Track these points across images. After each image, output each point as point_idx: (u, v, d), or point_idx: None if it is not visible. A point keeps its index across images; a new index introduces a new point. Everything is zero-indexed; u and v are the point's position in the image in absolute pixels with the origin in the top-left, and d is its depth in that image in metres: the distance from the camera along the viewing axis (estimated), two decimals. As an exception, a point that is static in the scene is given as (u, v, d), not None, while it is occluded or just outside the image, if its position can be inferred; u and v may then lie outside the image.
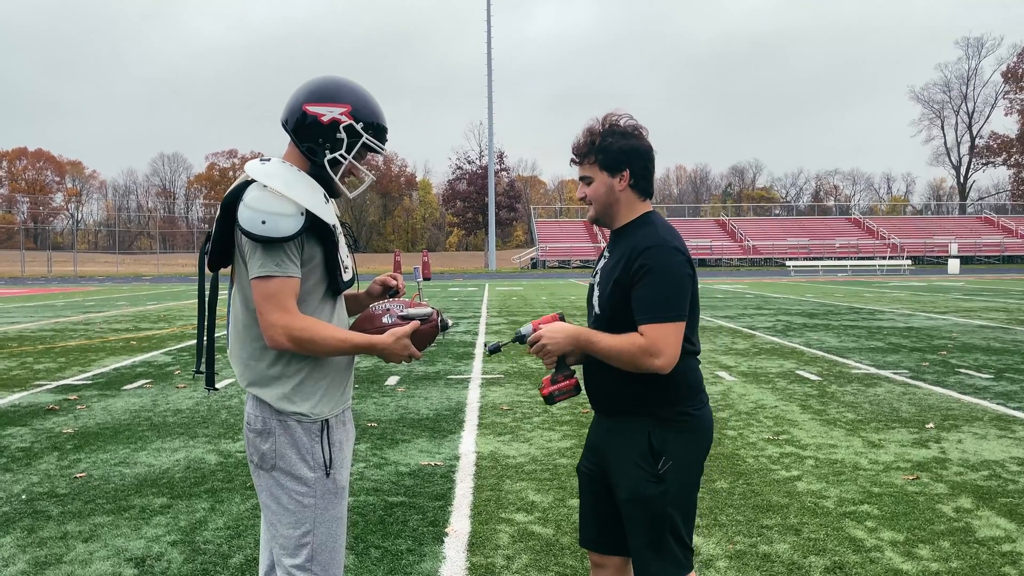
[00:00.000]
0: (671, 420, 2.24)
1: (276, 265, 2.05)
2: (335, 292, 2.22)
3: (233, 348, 2.22)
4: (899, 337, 12.02)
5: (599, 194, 2.31)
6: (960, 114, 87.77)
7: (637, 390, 2.23)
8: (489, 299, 23.17)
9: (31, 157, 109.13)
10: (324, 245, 2.15)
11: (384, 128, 2.25)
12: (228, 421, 6.48)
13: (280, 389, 2.14)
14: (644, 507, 2.21)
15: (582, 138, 2.32)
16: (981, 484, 4.62)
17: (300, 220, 2.05)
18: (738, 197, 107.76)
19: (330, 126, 2.16)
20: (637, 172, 2.29)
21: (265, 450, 2.15)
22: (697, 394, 2.29)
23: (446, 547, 3.75)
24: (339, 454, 2.22)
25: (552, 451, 5.43)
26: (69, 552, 3.71)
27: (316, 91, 2.18)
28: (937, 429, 5.98)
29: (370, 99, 2.22)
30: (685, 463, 2.25)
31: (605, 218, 2.35)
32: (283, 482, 2.15)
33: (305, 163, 2.20)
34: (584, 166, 2.32)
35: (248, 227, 2.03)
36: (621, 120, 2.29)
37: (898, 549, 3.67)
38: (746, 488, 4.57)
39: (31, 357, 10.62)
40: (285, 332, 2.04)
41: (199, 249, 2.27)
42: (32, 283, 42.83)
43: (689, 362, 2.28)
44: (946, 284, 30.18)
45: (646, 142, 2.30)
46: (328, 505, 2.18)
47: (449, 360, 9.92)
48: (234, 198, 2.09)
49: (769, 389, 7.73)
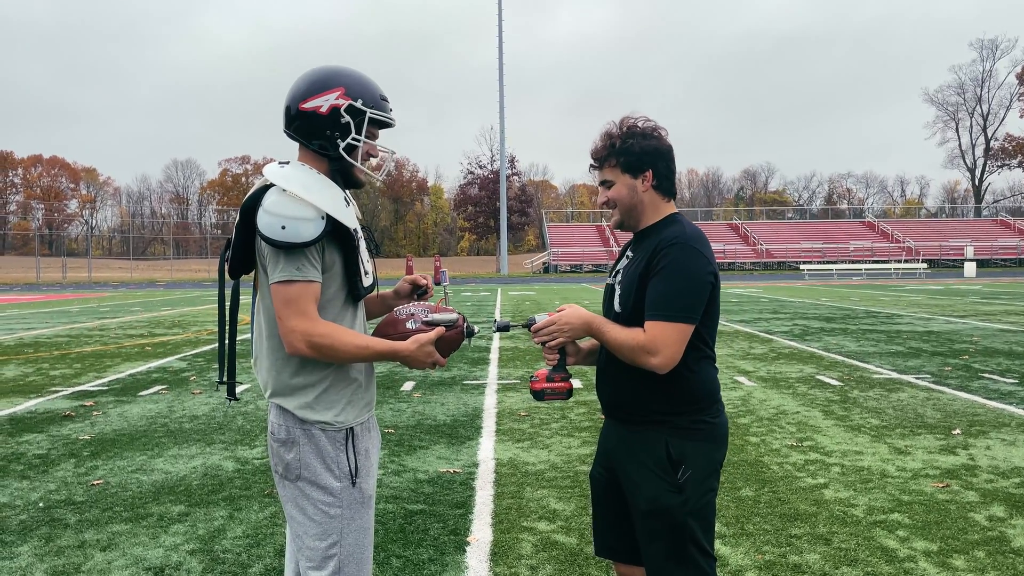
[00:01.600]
0: (689, 429, 2.18)
1: (297, 270, 2.00)
2: (356, 298, 2.16)
3: (258, 357, 2.16)
4: (919, 341, 11.87)
5: (622, 196, 2.26)
6: (975, 116, 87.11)
7: (654, 398, 2.19)
8: (502, 303, 23.11)
9: (46, 164, 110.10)
10: (345, 250, 2.09)
11: (384, 98, 2.19)
12: (245, 427, 6.44)
13: (304, 398, 2.08)
14: (664, 518, 2.15)
15: (600, 142, 2.28)
16: (1013, 492, 4.51)
17: (321, 224, 2.00)
18: (751, 200, 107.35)
19: (331, 114, 2.10)
20: (660, 172, 2.25)
21: (289, 460, 2.09)
22: (714, 403, 2.24)
23: (468, 556, 3.69)
24: (365, 462, 2.16)
25: (572, 458, 5.36)
26: (87, 561, 3.67)
27: (304, 87, 2.12)
28: (964, 435, 5.86)
29: (361, 76, 2.17)
30: (704, 472, 2.19)
31: (629, 221, 2.30)
32: (308, 492, 2.09)
33: (321, 163, 2.14)
34: (604, 170, 2.28)
35: (268, 232, 1.97)
36: (639, 122, 2.26)
37: (932, 559, 3.58)
38: (772, 496, 4.48)
39: (47, 363, 10.64)
40: (305, 338, 1.99)
41: (218, 255, 2.22)
42: (47, 289, 43.10)
43: (707, 369, 2.22)
44: (963, 287, 29.89)
45: (667, 142, 2.27)
46: (355, 515, 2.12)
47: (465, 365, 9.86)
48: (253, 203, 2.04)
49: (790, 394, 7.62)
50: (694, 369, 2.19)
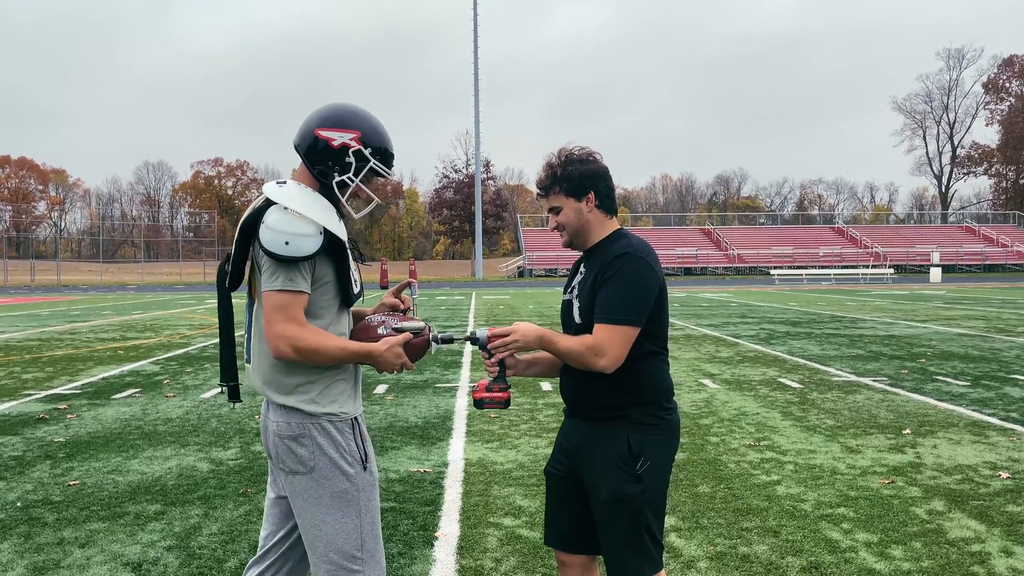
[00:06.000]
0: (647, 424, 2.39)
1: (290, 280, 2.20)
2: (347, 305, 2.37)
3: (255, 362, 2.35)
4: (880, 345, 12.23)
5: (570, 219, 2.47)
6: (942, 124, 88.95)
7: (614, 395, 2.39)
8: (476, 307, 23.28)
9: (14, 165, 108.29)
10: (337, 262, 2.29)
11: (391, 155, 2.41)
12: (219, 430, 6.55)
13: (309, 395, 2.27)
14: (624, 506, 2.35)
15: (543, 172, 2.50)
16: (954, 488, 4.77)
17: (319, 239, 2.21)
18: (723, 206, 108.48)
19: (340, 150, 2.31)
20: (601, 192, 2.47)
21: (303, 454, 2.26)
22: (669, 397, 2.45)
23: (436, 550, 3.86)
24: (370, 448, 2.38)
25: (539, 457, 5.55)
26: (67, 557, 3.79)
27: (328, 117, 2.33)
28: (913, 435, 6.14)
29: (379, 127, 2.38)
30: (660, 464, 2.40)
31: (578, 240, 2.51)
32: (324, 481, 2.27)
33: (315, 183, 2.35)
34: (550, 197, 2.49)
35: (272, 248, 2.17)
36: (575, 150, 2.48)
37: (872, 550, 3.81)
38: (727, 492, 4.71)
39: (18, 367, 10.63)
40: (291, 343, 2.18)
41: (218, 268, 2.43)
42: (15, 292, 42.53)
43: (659, 366, 2.43)
44: (928, 292, 30.57)
45: (602, 164, 2.49)
46: (370, 496, 2.33)
47: (437, 368, 10.02)
48: (254, 221, 2.23)
49: (752, 396, 7.88)
50: (649, 367, 2.39)
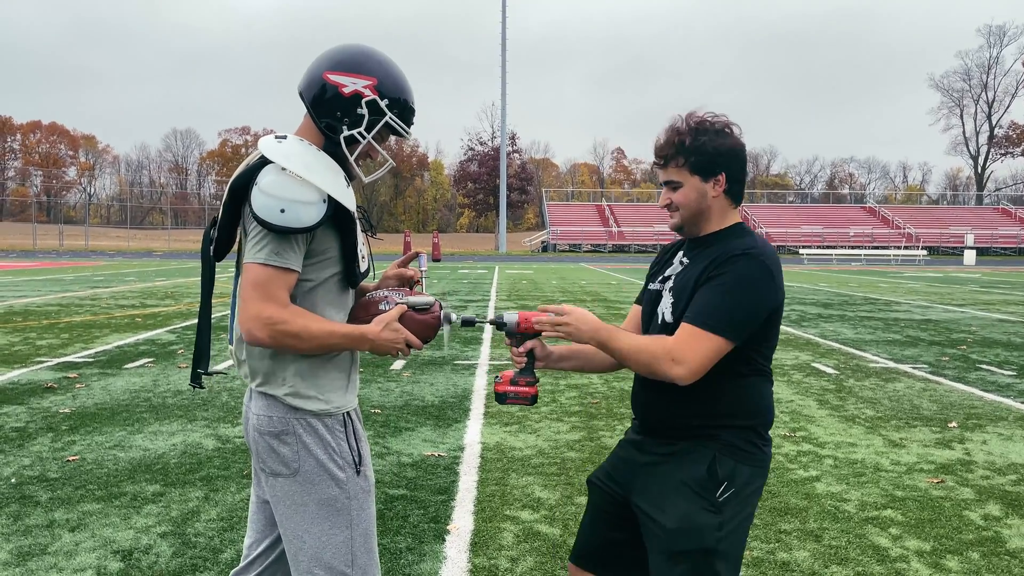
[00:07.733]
0: (739, 449, 1.98)
1: (277, 254, 1.84)
2: (352, 284, 2.01)
3: (238, 342, 2.00)
4: (917, 330, 11.75)
5: (690, 200, 2.02)
6: (980, 103, 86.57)
7: (707, 416, 1.98)
8: (499, 282, 22.98)
9: (45, 131, 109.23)
10: (343, 234, 1.94)
11: (412, 109, 2.03)
12: (229, 404, 6.32)
13: (296, 385, 1.93)
14: (693, 538, 1.92)
15: (665, 138, 2.04)
16: (1009, 490, 4.41)
17: (322, 208, 1.85)
18: (752, 183, 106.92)
19: (351, 99, 1.93)
20: (734, 176, 2.02)
21: (285, 453, 1.93)
22: (768, 425, 2.05)
23: (447, 546, 3.58)
24: (366, 448, 2.03)
25: (560, 443, 5.25)
26: (54, 542, 3.56)
27: (340, 59, 1.95)
28: (960, 429, 5.76)
29: (399, 75, 2.00)
30: (745, 496, 1.98)
31: (692, 226, 2.08)
32: (311, 487, 1.93)
33: (320, 139, 1.98)
34: (670, 169, 2.03)
35: (265, 216, 1.81)
36: (709, 118, 2.02)
37: (925, 560, 3.47)
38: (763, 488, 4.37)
39: (35, 332, 10.51)
40: (267, 324, 1.83)
41: (203, 234, 2.04)
42: (43, 256, 42.90)
43: (766, 386, 2.04)
44: (962, 276, 29.78)
45: (740, 141, 2.04)
46: (363, 504, 1.99)
47: (457, 345, 9.74)
48: (246, 181, 1.87)
49: (785, 382, 7.50)
50: (754, 386, 2.00)
